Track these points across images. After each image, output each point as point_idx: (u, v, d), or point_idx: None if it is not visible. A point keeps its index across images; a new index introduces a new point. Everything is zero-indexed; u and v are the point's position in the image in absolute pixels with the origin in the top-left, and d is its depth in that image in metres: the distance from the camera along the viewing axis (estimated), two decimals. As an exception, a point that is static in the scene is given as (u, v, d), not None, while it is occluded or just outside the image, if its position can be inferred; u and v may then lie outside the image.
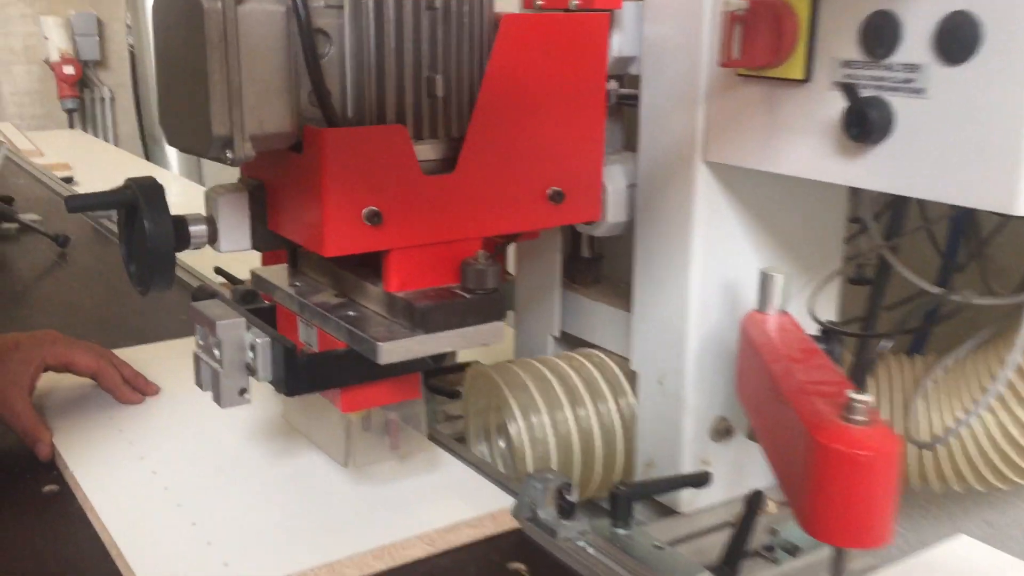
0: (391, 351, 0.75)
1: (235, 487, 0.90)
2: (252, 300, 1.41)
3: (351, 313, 0.81)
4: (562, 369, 1.01)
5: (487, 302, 0.79)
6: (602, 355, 1.04)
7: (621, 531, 0.85)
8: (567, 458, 0.97)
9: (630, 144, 0.98)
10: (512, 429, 0.96)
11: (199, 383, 0.82)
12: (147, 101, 3.83)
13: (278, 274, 0.92)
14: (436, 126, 0.80)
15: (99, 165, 3.00)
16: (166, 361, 1.21)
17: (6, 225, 1.90)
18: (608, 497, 0.86)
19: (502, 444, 1.06)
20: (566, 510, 0.84)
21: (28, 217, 1.91)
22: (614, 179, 0.96)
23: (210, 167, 3.50)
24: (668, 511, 0.97)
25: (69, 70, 4.42)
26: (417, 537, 0.82)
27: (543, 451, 0.96)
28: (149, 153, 3.77)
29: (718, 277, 0.91)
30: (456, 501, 0.89)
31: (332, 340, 0.81)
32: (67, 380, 1.10)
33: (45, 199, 2.32)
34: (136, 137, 4.00)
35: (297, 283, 0.89)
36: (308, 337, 0.86)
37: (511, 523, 0.87)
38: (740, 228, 0.91)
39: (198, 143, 0.73)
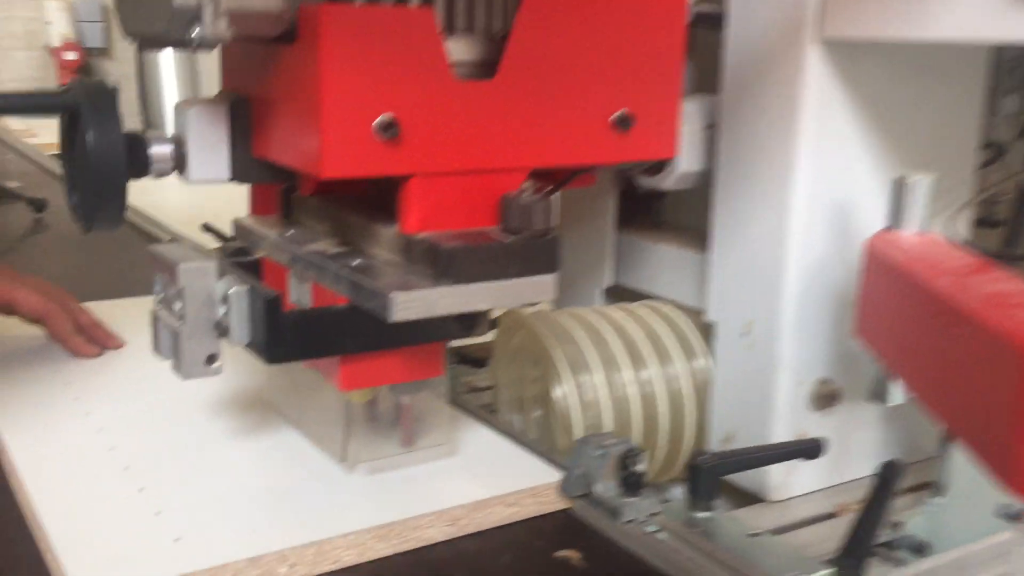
0: (407, 305, 0.56)
1: (200, 452, 0.70)
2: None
3: (355, 262, 0.62)
4: (620, 322, 0.81)
5: (536, 248, 0.59)
6: (669, 307, 0.84)
7: (702, 514, 0.64)
8: (624, 432, 0.77)
9: (704, 85, 0.78)
10: (557, 392, 0.75)
11: (156, 348, 0.63)
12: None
13: (266, 224, 0.73)
14: (474, 17, 0.61)
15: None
16: (139, 317, 1.02)
17: (-19, 189, 1.72)
18: (686, 471, 0.65)
19: (542, 414, 0.86)
20: (632, 484, 0.64)
21: (6, 184, 1.74)
22: (689, 119, 0.76)
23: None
24: (749, 499, 0.76)
25: (71, 56, 4.23)
26: (435, 515, 0.62)
27: (595, 421, 0.75)
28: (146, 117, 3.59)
29: (827, 196, 0.71)
30: (486, 473, 0.69)
31: (330, 298, 0.62)
32: (8, 327, 0.91)
33: (29, 172, 2.15)
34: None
35: (289, 232, 0.70)
36: (300, 296, 0.66)
37: (557, 501, 0.66)
38: (858, 134, 0.71)
39: (157, 19, 0.55)
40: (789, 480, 0.75)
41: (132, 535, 0.58)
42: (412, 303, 0.56)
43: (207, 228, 1.30)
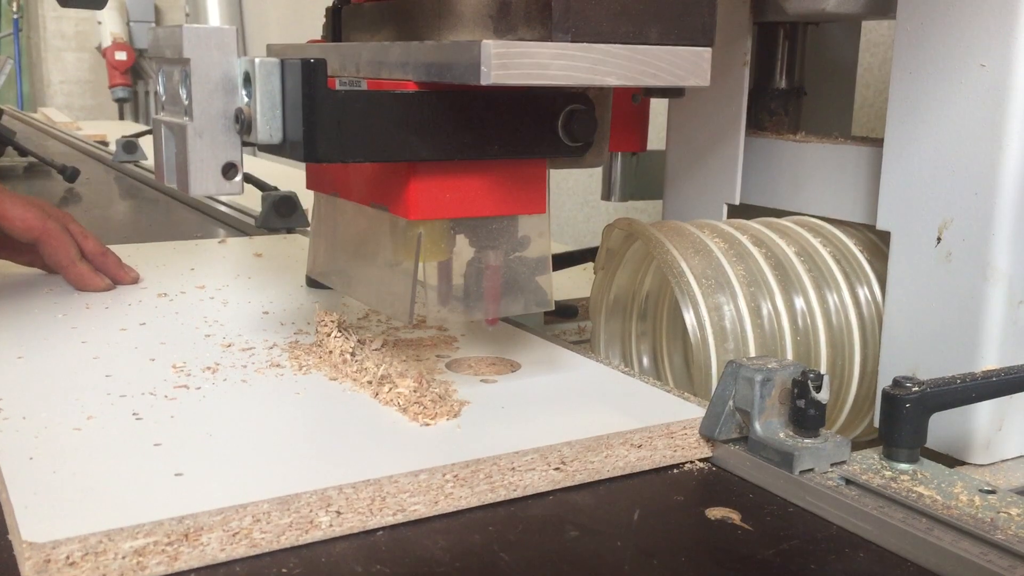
0: (507, 61, 0.39)
1: (225, 386, 0.53)
2: (291, 210, 1.07)
3: (430, 42, 0.45)
4: (762, 234, 0.63)
5: (687, 2, 0.42)
6: (825, 223, 0.66)
7: (904, 465, 0.46)
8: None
9: None
10: (689, 319, 0.58)
11: (159, 173, 0.47)
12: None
13: (311, 47, 0.57)
14: None
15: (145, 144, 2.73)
16: (163, 257, 0.87)
17: (13, 159, 1.60)
18: (881, 404, 0.47)
19: (664, 358, 0.68)
20: (811, 421, 0.46)
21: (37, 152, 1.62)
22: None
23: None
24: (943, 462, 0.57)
25: (121, 56, 4.12)
26: (536, 453, 0.44)
27: (735, 353, 0.57)
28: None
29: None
30: (603, 406, 0.51)
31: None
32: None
33: (67, 152, 2.03)
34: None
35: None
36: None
37: (699, 445, 0.49)
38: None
39: None
40: (999, 437, 0.56)
41: (124, 465, 0.42)
42: (514, 60, 0.38)
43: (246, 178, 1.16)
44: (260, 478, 0.41)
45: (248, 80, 0.42)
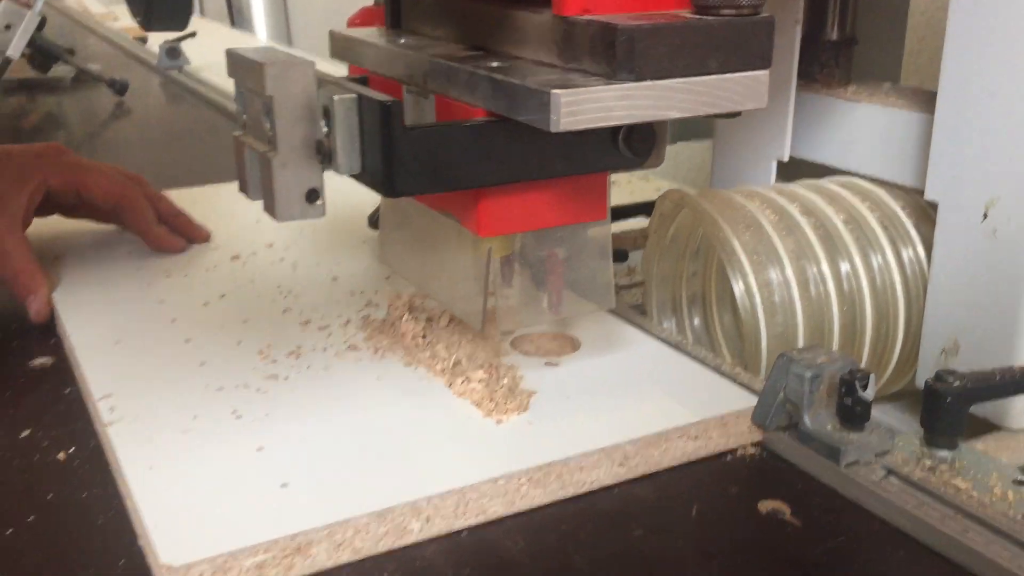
0: (575, 108, 0.41)
1: (310, 374, 0.57)
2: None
3: (497, 64, 0.47)
4: (811, 203, 0.65)
5: (744, 31, 0.44)
6: (871, 185, 0.68)
7: (944, 452, 0.50)
8: (817, 333, 0.62)
9: None
10: (738, 288, 0.61)
11: (243, 187, 0.50)
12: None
13: (371, 35, 0.58)
14: None
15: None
16: (225, 205, 0.90)
17: (60, 71, 1.61)
18: (924, 397, 0.50)
19: (714, 319, 0.71)
20: (857, 416, 0.49)
21: (87, 66, 1.62)
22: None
23: (299, 28, 3.18)
24: (976, 427, 0.61)
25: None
26: (601, 452, 0.49)
27: (784, 326, 0.61)
28: (235, 21, 3.45)
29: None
30: (661, 394, 0.55)
31: (462, 116, 0.47)
32: (78, 224, 0.80)
33: (111, 55, 2.04)
34: (224, 10, 3.67)
35: (402, 40, 0.55)
36: (422, 118, 0.52)
37: (750, 434, 0.53)
38: None
39: None
40: (1034, 402, 0.59)
41: (229, 475, 0.47)
42: (582, 106, 0.41)
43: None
44: (357, 490, 0.45)
45: (327, 113, 0.45)
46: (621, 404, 0.54)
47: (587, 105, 0.41)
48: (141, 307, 0.67)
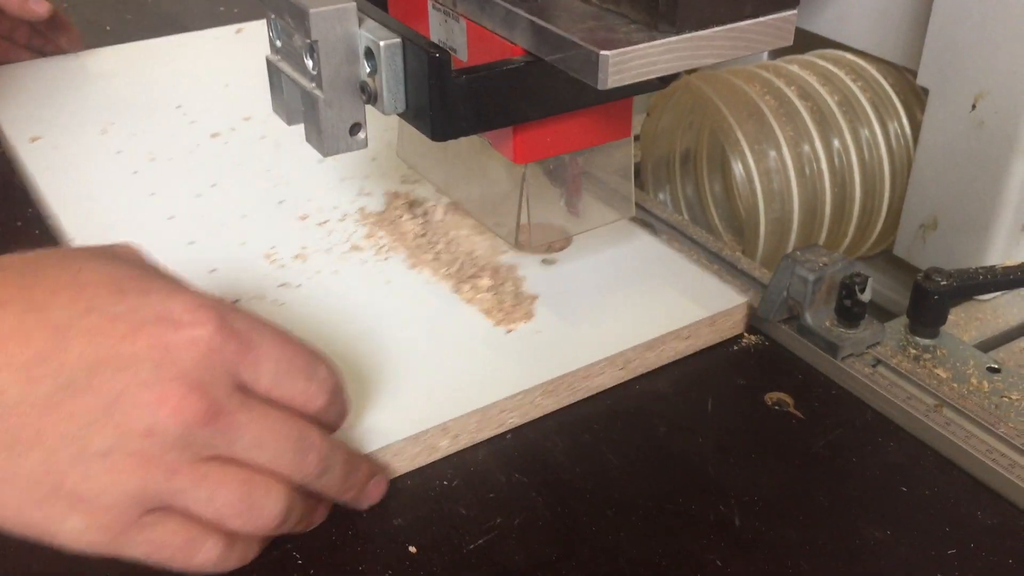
0: (622, 67, 0.42)
1: (317, 273, 0.60)
2: None
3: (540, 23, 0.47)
4: (809, 86, 0.67)
5: None
6: (860, 60, 0.70)
7: (926, 341, 0.56)
8: (811, 215, 0.66)
9: None
10: (737, 169, 0.64)
11: (278, 109, 0.51)
12: None
13: None
14: None
15: None
16: (194, 61, 0.88)
17: None
18: (912, 291, 0.56)
19: (705, 188, 0.75)
20: (854, 315, 0.54)
21: None
22: None
23: None
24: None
25: None
26: (607, 361, 0.53)
27: (781, 211, 0.65)
28: None
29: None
30: (654, 294, 0.58)
31: (491, 43, 0.48)
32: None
33: None
34: None
35: None
36: (449, 37, 0.52)
37: (737, 326, 0.58)
38: None
39: None
40: (1002, 275, 0.65)
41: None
42: (627, 63, 0.43)
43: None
44: (390, 413, 0.49)
45: (370, 54, 0.46)
46: (619, 306, 0.57)
47: (633, 63, 0.42)
48: (133, 199, 0.67)
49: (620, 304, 0.58)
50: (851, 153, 0.66)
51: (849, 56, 0.70)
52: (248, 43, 0.94)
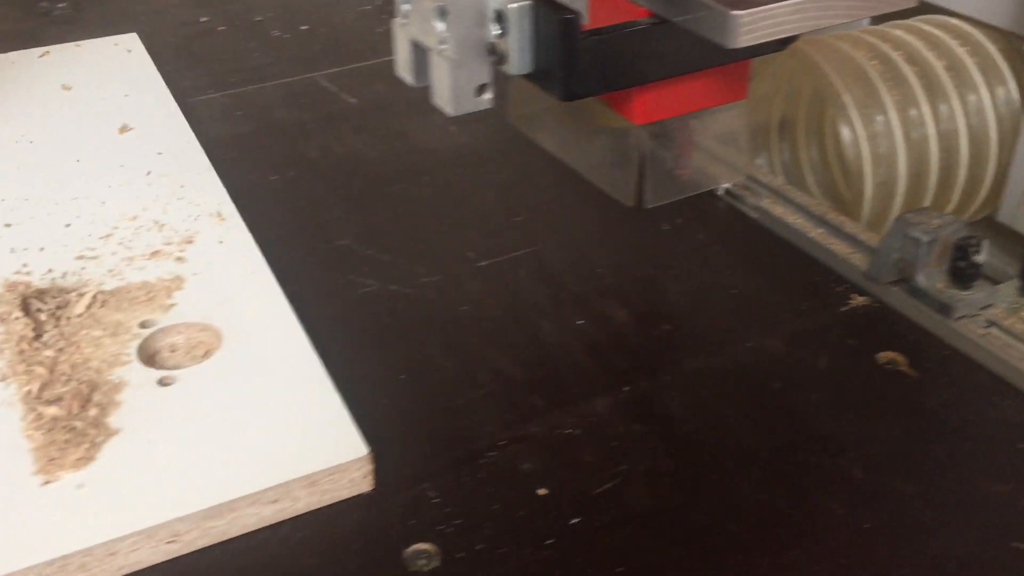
0: (753, 27, 0.43)
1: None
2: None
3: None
4: (915, 50, 0.67)
5: None
6: (966, 25, 0.70)
7: (1038, 304, 0.56)
8: (917, 179, 0.66)
9: None
10: (844, 133, 0.64)
11: (404, 71, 0.53)
12: None
13: None
14: None
15: None
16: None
17: None
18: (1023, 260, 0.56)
19: (800, 152, 0.75)
20: (968, 275, 0.55)
21: None
22: None
23: None
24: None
25: None
26: (139, 536, 0.42)
27: (887, 168, 0.65)
28: None
29: None
30: (269, 441, 0.47)
31: (610, 6, 0.49)
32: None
33: None
34: None
35: None
36: (571, 0, 0.53)
37: (866, 291, 0.58)
38: None
39: None
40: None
41: None
42: (757, 24, 0.44)
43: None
44: None
45: (500, 17, 0.47)
46: (212, 455, 0.46)
47: (762, 22, 0.43)
48: None
49: (215, 451, 0.46)
50: (959, 118, 0.66)
51: (955, 21, 0.70)
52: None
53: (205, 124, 0.77)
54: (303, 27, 0.96)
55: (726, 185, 0.59)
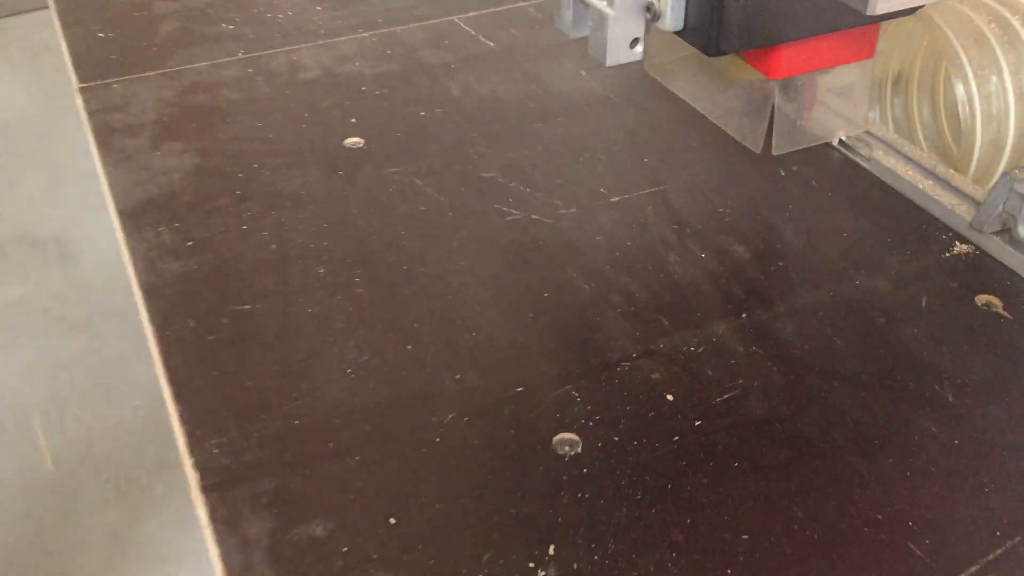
0: (888, -1, 0.49)
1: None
2: None
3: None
4: (1029, 12, 0.71)
5: None
6: (1082, -9, 0.73)
7: None
8: (1022, 141, 0.71)
9: None
10: (960, 91, 0.69)
11: (561, 22, 0.59)
12: None
13: None
14: None
15: None
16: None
17: None
18: (1124, 213, 0.60)
19: (914, 108, 0.80)
20: (1066, 231, 0.60)
21: None
22: None
23: None
24: None
25: None
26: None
27: (997, 126, 0.69)
28: None
29: None
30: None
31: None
32: None
33: None
34: None
35: None
36: (716, -37, 0.59)
37: (968, 240, 0.64)
38: None
39: None
40: None
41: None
42: None
43: None
44: None
45: (658, -19, 0.53)
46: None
47: (901, -7, 0.49)
48: None
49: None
50: (1069, 81, 0.70)
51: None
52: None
53: (359, 62, 0.85)
54: (442, -28, 1.03)
55: (842, 136, 0.65)
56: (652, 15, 0.54)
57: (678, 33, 0.55)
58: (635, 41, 0.56)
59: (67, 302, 1.80)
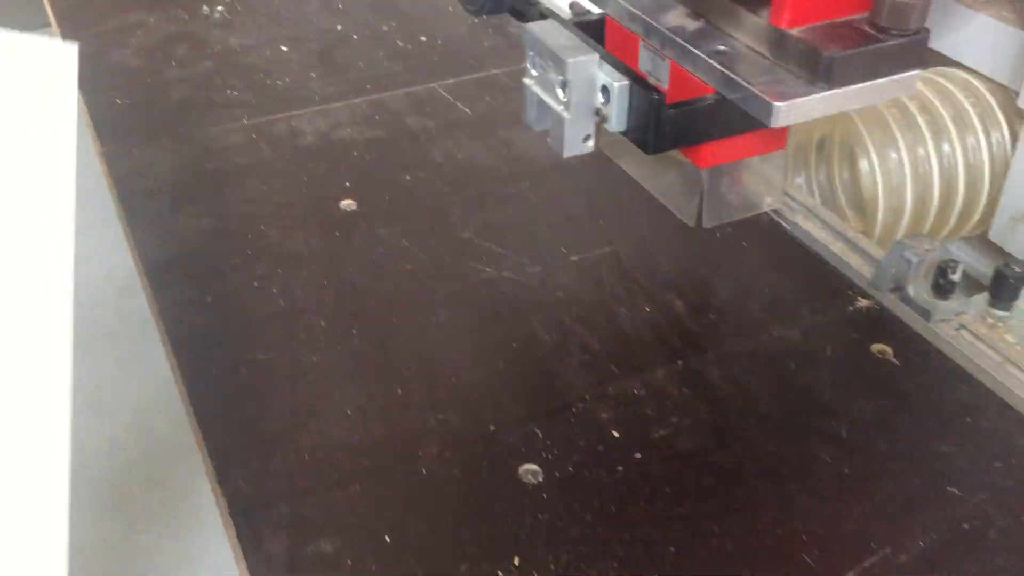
0: (788, 113, 0.60)
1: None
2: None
3: (721, 48, 0.65)
4: (924, 96, 0.83)
5: (910, 47, 0.62)
6: (971, 78, 0.85)
7: (1000, 312, 0.73)
8: (923, 205, 0.83)
9: None
10: (864, 165, 0.81)
11: (528, 118, 0.71)
12: None
13: None
14: None
15: None
16: None
17: None
18: (992, 277, 0.73)
19: (835, 176, 0.92)
20: (945, 290, 0.72)
21: None
22: None
23: None
24: None
25: None
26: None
27: (898, 199, 0.82)
28: None
29: None
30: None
31: (688, 79, 0.67)
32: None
33: None
34: None
35: None
36: (655, 69, 0.71)
37: (870, 296, 0.76)
38: None
39: None
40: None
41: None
42: (793, 110, 0.61)
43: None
44: None
45: (606, 90, 0.65)
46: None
47: (796, 109, 0.60)
48: None
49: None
50: (958, 156, 0.82)
51: (962, 74, 0.86)
52: None
53: (351, 128, 0.96)
54: (422, 38, 1.14)
55: (766, 208, 0.76)
56: (600, 118, 0.66)
57: (623, 133, 0.67)
58: (587, 137, 0.67)
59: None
